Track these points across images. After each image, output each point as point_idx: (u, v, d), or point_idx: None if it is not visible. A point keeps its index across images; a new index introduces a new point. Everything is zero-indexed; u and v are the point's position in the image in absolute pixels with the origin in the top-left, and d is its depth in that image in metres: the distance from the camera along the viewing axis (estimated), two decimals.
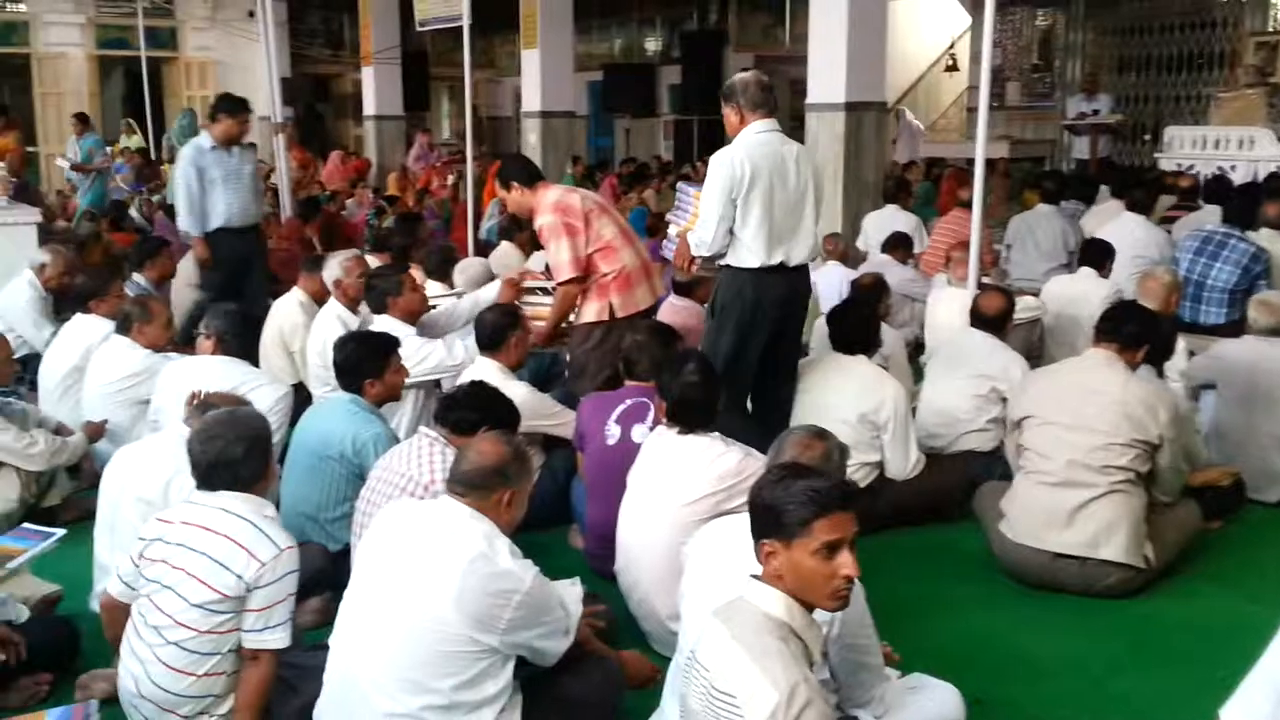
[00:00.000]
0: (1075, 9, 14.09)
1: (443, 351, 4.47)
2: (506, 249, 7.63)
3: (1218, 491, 4.23)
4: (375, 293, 4.63)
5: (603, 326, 4.56)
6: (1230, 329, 5.58)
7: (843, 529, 2.05)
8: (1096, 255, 5.91)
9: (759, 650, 1.96)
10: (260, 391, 4.05)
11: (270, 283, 6.66)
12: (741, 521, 2.21)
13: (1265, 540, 4.24)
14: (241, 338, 4.42)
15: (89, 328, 4.91)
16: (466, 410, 3.26)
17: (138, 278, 6.19)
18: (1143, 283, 5.11)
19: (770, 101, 4.05)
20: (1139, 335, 3.82)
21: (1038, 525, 3.69)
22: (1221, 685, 1.42)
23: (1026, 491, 3.78)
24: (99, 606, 2.99)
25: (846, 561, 2.05)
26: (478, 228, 9.03)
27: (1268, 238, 6.25)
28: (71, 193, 11.83)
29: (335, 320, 4.92)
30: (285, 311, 5.44)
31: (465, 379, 3.81)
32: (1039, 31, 14.76)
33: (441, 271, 6.00)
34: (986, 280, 5.67)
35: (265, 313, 5.49)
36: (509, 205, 4.92)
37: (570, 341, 4.77)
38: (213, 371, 4.12)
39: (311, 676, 2.62)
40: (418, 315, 4.67)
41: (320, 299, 5.29)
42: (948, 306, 5.66)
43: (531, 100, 12.17)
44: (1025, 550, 3.72)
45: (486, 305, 4.68)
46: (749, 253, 3.99)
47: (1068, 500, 3.64)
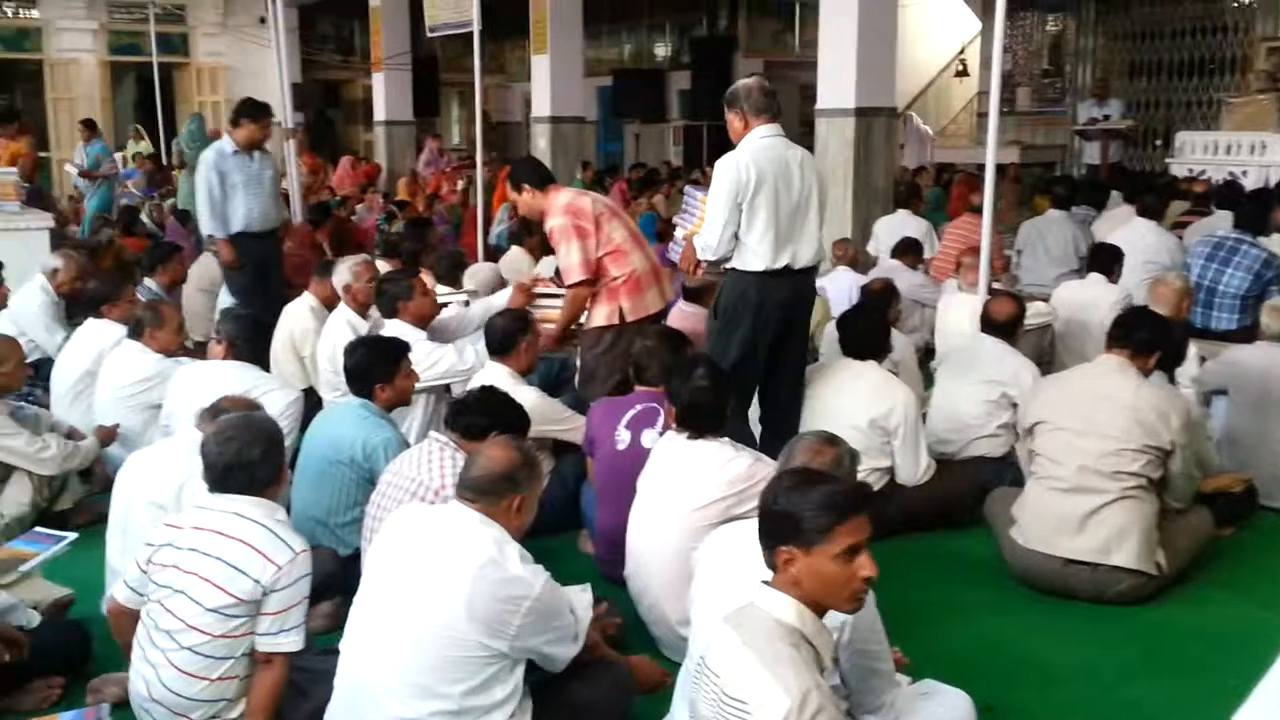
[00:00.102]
0: (1086, 14, 14.08)
1: (453, 356, 4.47)
2: (516, 254, 7.65)
3: (1230, 498, 4.21)
4: (386, 297, 4.65)
5: (613, 331, 4.56)
6: (1242, 335, 5.56)
7: (862, 531, 2.06)
8: (1105, 260, 5.89)
9: (770, 656, 1.96)
10: (271, 396, 4.05)
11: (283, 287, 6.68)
12: (751, 527, 2.20)
13: (1277, 547, 4.22)
14: (252, 343, 4.45)
15: (101, 332, 4.93)
16: (477, 415, 3.27)
17: (149, 283, 6.23)
18: (1154, 288, 5.09)
19: (773, 107, 4.06)
20: (1151, 341, 3.81)
21: (1049, 531, 3.67)
22: (1234, 693, 1.41)
23: (1037, 497, 3.77)
24: (107, 612, 3.00)
25: (865, 563, 2.05)
26: (487, 233, 9.05)
27: (1279, 243, 6.23)
28: (81, 198, 11.89)
29: (345, 325, 4.93)
30: (296, 316, 5.46)
31: (475, 384, 3.82)
32: (1049, 36, 14.76)
33: (451, 277, 6.02)
34: (997, 286, 5.66)
35: (277, 318, 5.52)
36: (520, 207, 4.92)
37: (580, 346, 4.77)
38: (224, 376, 4.13)
39: (322, 681, 2.62)
40: (428, 320, 4.68)
41: (330, 304, 5.30)
42: (958, 312, 5.65)
43: (541, 105, 12.17)
44: (1036, 556, 3.70)
45: (498, 311, 4.69)
46: (754, 256, 3.99)
47: (1079, 506, 3.62)
